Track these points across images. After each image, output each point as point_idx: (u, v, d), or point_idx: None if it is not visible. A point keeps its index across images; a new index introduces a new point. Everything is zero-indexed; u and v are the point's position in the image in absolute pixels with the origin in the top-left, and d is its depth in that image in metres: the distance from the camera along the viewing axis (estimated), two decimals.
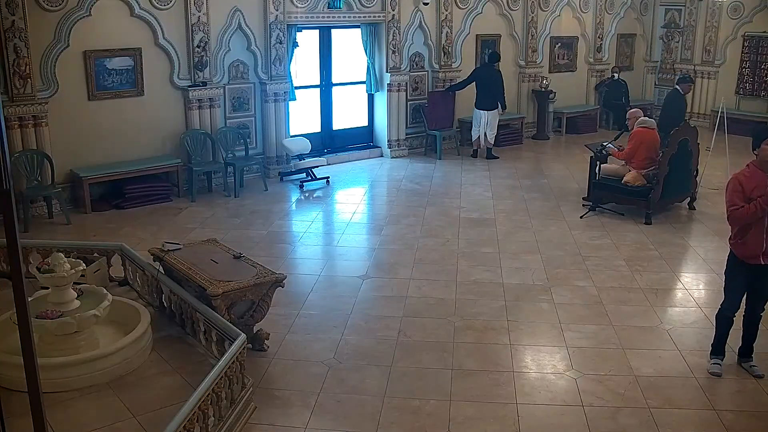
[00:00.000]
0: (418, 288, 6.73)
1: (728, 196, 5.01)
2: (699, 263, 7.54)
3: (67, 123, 9.00)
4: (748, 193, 4.89)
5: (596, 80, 15.09)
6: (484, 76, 12.00)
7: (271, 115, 10.65)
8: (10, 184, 2.56)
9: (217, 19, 9.94)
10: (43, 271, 5.05)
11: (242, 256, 5.74)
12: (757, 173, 4.93)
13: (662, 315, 6.23)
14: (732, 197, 4.96)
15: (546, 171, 11.54)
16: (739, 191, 4.92)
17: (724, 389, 5.02)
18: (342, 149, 12.08)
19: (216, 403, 4.18)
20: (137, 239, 7.86)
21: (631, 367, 5.28)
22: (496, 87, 11.99)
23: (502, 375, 5.17)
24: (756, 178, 4.91)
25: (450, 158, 12.27)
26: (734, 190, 4.95)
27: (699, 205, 9.44)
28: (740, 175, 5.01)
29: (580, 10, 14.49)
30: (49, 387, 4.18)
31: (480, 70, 12.19)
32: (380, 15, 11.64)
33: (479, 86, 11.99)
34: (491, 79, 11.95)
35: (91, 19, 8.96)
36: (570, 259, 7.53)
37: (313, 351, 5.52)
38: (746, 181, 4.93)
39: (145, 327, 5.28)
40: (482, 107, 11.98)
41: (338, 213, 9.51)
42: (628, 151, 9.05)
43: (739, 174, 5.03)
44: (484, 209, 9.36)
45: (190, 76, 9.86)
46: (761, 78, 14.13)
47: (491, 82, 11.93)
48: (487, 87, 11.91)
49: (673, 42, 15.51)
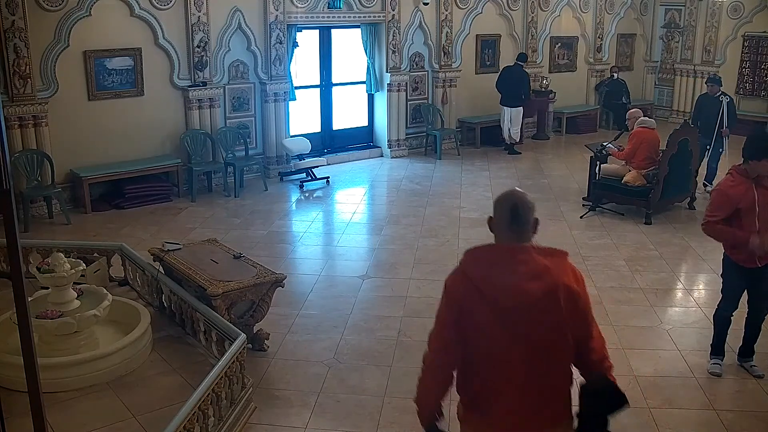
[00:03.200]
0: (418, 288, 6.73)
1: (711, 207, 4.90)
2: (699, 263, 7.54)
3: (67, 123, 9.00)
4: (735, 203, 4.77)
5: (596, 80, 15.09)
6: (510, 74, 12.43)
7: (271, 115, 10.65)
8: (10, 184, 2.57)
9: (217, 19, 9.94)
10: (43, 271, 5.05)
11: (242, 256, 5.74)
12: (742, 181, 4.82)
13: (662, 315, 6.23)
14: (714, 210, 4.86)
15: (546, 171, 11.54)
16: (725, 204, 4.81)
17: (724, 389, 5.02)
18: (342, 149, 12.08)
19: (216, 403, 4.18)
20: (137, 239, 7.86)
21: (631, 367, 5.28)
22: (521, 84, 12.42)
23: None
24: (742, 186, 4.80)
25: (450, 158, 12.27)
26: (720, 204, 4.84)
27: (699, 205, 9.44)
28: (725, 188, 4.88)
29: (580, 10, 14.49)
30: (49, 387, 4.17)
31: (508, 69, 12.62)
32: (380, 15, 11.64)
33: (506, 84, 12.39)
34: (517, 77, 12.42)
35: (91, 19, 8.96)
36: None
37: (313, 351, 5.52)
38: (733, 191, 4.82)
39: (145, 327, 5.28)
40: (505, 104, 12.42)
41: (338, 213, 9.51)
42: (628, 151, 9.05)
43: (724, 186, 4.91)
44: (484, 209, 9.35)
45: (190, 76, 9.86)
46: (761, 78, 14.12)
47: (517, 79, 12.40)
48: (511, 85, 12.37)
49: (673, 42, 15.52)
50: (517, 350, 2.70)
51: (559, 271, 2.73)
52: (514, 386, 2.73)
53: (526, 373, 2.71)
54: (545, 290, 2.68)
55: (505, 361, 2.71)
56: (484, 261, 2.77)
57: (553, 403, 2.81)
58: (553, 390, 2.80)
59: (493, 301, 2.69)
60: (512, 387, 2.73)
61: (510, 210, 2.76)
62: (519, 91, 12.39)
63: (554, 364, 2.77)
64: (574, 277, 2.81)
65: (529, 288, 2.67)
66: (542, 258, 2.74)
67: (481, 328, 2.72)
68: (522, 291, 2.67)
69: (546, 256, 2.75)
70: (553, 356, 2.75)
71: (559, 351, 2.76)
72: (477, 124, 13.14)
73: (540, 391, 2.75)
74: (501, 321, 2.69)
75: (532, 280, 2.69)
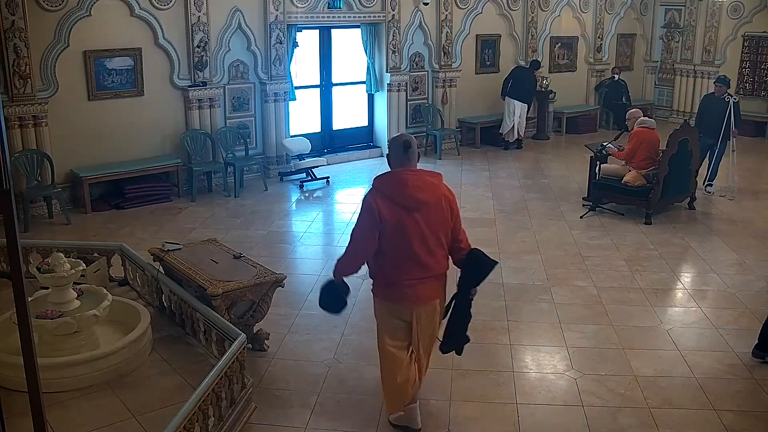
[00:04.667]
0: None
1: None
2: (699, 263, 7.54)
3: (67, 123, 9.00)
4: None
5: (596, 80, 15.10)
6: (523, 74, 12.91)
7: (271, 115, 10.65)
8: (10, 184, 2.57)
9: (217, 19, 9.94)
10: (43, 271, 5.05)
11: (242, 256, 5.74)
12: None
13: (662, 315, 6.23)
14: None
15: (546, 171, 11.54)
16: None
17: (724, 389, 5.02)
18: (342, 149, 12.09)
19: (216, 403, 4.17)
20: (137, 239, 7.86)
21: (631, 367, 5.28)
22: (530, 85, 12.97)
23: (502, 375, 5.17)
24: None
25: (450, 158, 12.28)
26: None
27: (699, 205, 9.44)
28: None
29: (580, 10, 14.50)
30: (49, 387, 4.18)
31: (519, 69, 13.04)
32: (380, 15, 11.64)
33: (517, 81, 12.77)
34: (528, 78, 12.91)
35: (91, 19, 8.96)
36: (570, 259, 7.52)
37: (313, 351, 5.52)
38: None
39: (145, 327, 5.27)
40: (516, 97, 12.71)
41: (338, 213, 9.51)
42: (628, 151, 9.05)
43: None
44: (484, 209, 9.35)
45: (190, 76, 9.86)
46: (761, 78, 14.13)
47: (528, 80, 12.89)
48: (524, 83, 12.80)
49: (673, 42, 15.52)
50: (417, 238, 4.06)
51: (440, 186, 4.20)
52: (415, 263, 4.11)
53: (422, 254, 4.09)
54: (434, 197, 4.10)
55: (409, 246, 4.07)
56: (390, 181, 4.13)
57: (438, 277, 4.24)
58: (438, 266, 4.20)
59: (400, 206, 4.04)
60: (413, 263, 4.11)
61: (403, 145, 4.14)
62: (531, 90, 12.96)
63: (439, 248, 4.17)
64: (449, 191, 4.25)
65: (424, 196, 4.07)
66: (428, 177, 4.17)
67: (393, 225, 4.04)
68: (419, 198, 4.06)
69: (430, 177, 4.18)
70: (438, 242, 4.15)
71: (442, 239, 4.17)
72: (477, 124, 13.16)
73: (430, 266, 4.15)
74: (406, 219, 4.04)
75: (425, 191, 4.09)
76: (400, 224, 4.02)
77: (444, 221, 4.13)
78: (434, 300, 4.26)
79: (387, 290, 4.24)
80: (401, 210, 4.01)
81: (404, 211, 4.01)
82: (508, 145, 12.97)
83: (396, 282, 4.16)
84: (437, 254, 4.14)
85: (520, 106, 12.73)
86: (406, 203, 4.02)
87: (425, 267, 4.11)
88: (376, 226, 4.03)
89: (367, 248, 4.14)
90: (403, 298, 4.18)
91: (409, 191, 4.03)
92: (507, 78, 12.94)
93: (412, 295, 4.15)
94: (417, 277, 4.12)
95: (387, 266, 4.17)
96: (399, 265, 4.12)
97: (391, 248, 4.08)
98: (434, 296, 4.25)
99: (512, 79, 12.83)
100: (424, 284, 4.15)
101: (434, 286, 4.22)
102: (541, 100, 13.94)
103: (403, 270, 4.12)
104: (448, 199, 4.16)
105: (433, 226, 4.08)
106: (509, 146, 12.97)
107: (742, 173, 10.60)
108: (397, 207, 4.02)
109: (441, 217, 4.10)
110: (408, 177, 4.07)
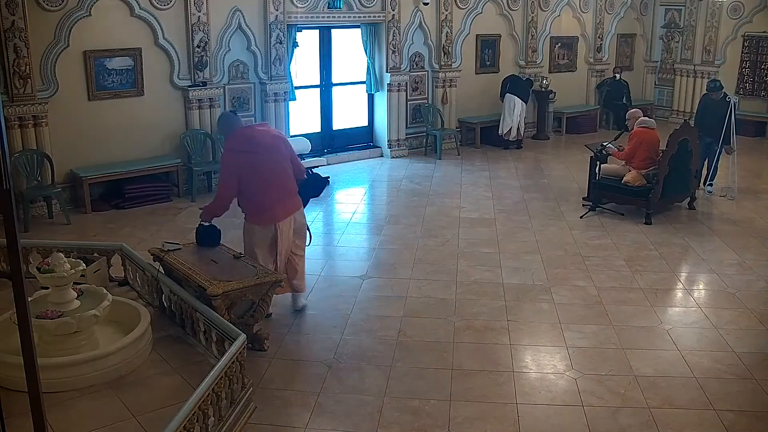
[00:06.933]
0: (418, 288, 6.73)
1: None
2: (699, 263, 7.54)
3: (67, 123, 8.99)
4: None
5: (596, 80, 15.09)
6: (517, 80, 13.10)
7: (271, 115, 10.64)
8: (10, 184, 2.57)
9: (217, 19, 9.94)
10: (43, 271, 5.05)
11: (242, 256, 5.74)
12: None
13: (662, 315, 6.23)
14: None
15: (546, 171, 11.54)
16: None
17: (724, 389, 5.02)
18: (342, 149, 12.08)
19: (216, 403, 4.18)
20: (137, 239, 7.87)
21: (631, 367, 5.28)
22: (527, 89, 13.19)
23: (502, 375, 5.17)
24: None
25: (450, 158, 12.28)
26: None
27: (699, 205, 9.44)
28: None
29: (580, 10, 14.49)
30: (49, 387, 4.18)
31: (514, 77, 13.23)
32: (380, 15, 11.64)
33: (515, 82, 13.01)
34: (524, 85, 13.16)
35: (91, 19, 8.95)
36: (570, 259, 7.53)
37: (313, 351, 5.52)
38: None
39: (145, 327, 5.27)
40: (516, 94, 12.79)
41: (338, 213, 9.51)
42: (628, 151, 9.04)
43: None
44: (484, 209, 9.36)
45: (190, 76, 9.86)
46: (761, 78, 14.12)
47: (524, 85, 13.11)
48: (521, 86, 13.04)
49: (673, 42, 15.52)
50: (271, 170, 5.65)
51: (279, 133, 6.12)
52: (274, 188, 5.67)
53: (277, 181, 5.69)
54: (278, 141, 5.82)
55: (267, 177, 5.63)
56: (242, 135, 5.70)
57: (293, 196, 5.85)
58: (291, 189, 5.83)
59: (255, 150, 5.57)
60: (273, 188, 5.67)
61: (233, 114, 6.25)
62: (527, 93, 13.12)
63: (288, 175, 5.79)
64: (277, 132, 6.19)
65: (270, 141, 5.72)
66: (260, 128, 5.94)
67: (253, 166, 5.56)
68: (267, 142, 5.67)
69: (261, 127, 5.99)
70: (287, 171, 5.78)
71: (288, 168, 5.79)
72: (477, 124, 13.16)
73: (286, 190, 5.77)
74: (262, 159, 5.58)
75: (270, 137, 5.78)
76: (257, 163, 5.53)
77: (286, 156, 5.79)
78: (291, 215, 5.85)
79: (257, 215, 5.70)
80: (255, 153, 5.52)
81: (258, 154, 5.53)
82: (508, 145, 12.99)
83: (262, 206, 5.65)
84: (288, 181, 5.76)
85: (521, 104, 12.75)
86: (256, 149, 5.55)
87: (282, 190, 5.70)
88: (234, 176, 5.52)
89: (228, 197, 5.68)
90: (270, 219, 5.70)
91: (256, 140, 5.62)
92: (504, 81, 13.01)
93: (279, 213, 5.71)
94: (278, 200, 5.65)
95: (252, 195, 5.63)
96: (261, 191, 5.60)
97: (253, 182, 5.55)
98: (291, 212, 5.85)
99: (509, 82, 12.92)
100: (285, 207, 5.72)
101: (293, 207, 5.84)
102: (541, 100, 13.95)
103: (264, 196, 5.61)
104: (286, 141, 5.93)
105: (281, 159, 5.70)
106: (509, 146, 12.99)
107: (742, 173, 10.60)
108: (252, 151, 5.53)
109: (284, 153, 5.76)
110: (249, 131, 5.77)
